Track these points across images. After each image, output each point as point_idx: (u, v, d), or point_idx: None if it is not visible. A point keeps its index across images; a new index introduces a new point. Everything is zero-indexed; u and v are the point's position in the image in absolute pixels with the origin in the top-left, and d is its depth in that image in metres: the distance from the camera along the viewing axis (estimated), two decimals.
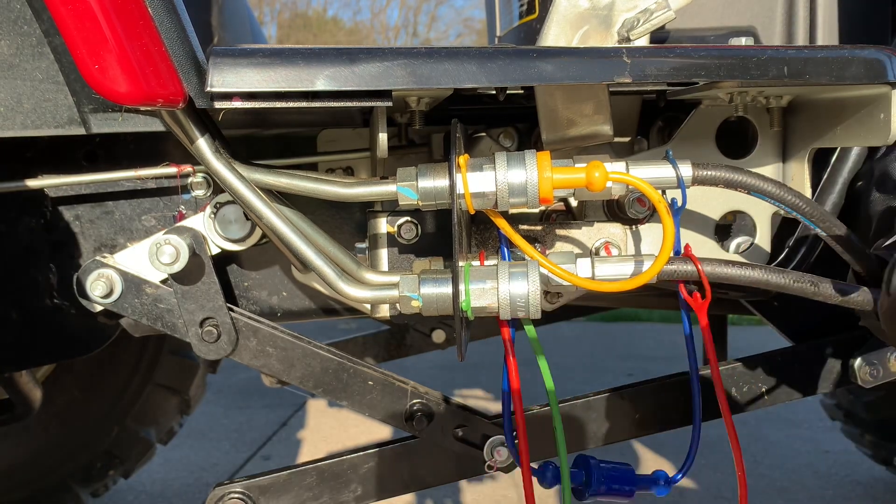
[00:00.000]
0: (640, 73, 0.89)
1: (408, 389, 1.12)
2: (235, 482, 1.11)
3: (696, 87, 1.07)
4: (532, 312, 0.87)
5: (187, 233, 1.06)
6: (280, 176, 0.96)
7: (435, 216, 1.07)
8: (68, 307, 1.17)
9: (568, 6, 1.05)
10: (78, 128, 0.91)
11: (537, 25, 1.23)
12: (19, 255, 1.15)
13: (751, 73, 0.92)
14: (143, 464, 2.48)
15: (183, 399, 2.39)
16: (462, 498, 2.93)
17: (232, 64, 0.83)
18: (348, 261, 1.01)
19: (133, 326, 1.19)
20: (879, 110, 0.99)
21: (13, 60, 0.88)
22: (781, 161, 1.19)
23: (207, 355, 1.08)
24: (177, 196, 1.17)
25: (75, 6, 0.78)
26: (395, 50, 0.87)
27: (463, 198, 0.86)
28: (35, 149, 1.12)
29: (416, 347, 1.91)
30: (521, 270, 0.87)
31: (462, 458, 1.13)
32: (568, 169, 0.87)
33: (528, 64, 0.88)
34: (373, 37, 19.60)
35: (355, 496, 1.13)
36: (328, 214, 1.20)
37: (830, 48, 0.95)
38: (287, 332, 1.10)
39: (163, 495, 3.00)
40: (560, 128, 1.08)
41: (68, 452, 2.26)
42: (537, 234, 1.09)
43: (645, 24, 1.03)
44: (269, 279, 1.24)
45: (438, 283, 0.88)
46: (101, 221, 1.17)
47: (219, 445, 3.58)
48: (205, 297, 1.07)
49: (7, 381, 1.64)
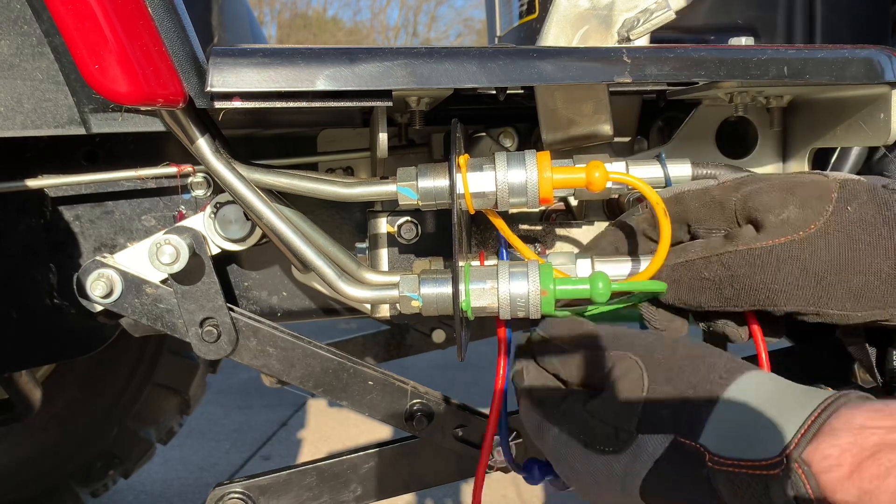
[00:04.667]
0: (640, 73, 0.89)
1: (408, 389, 1.12)
2: (235, 482, 1.11)
3: (696, 87, 1.07)
4: (532, 313, 0.87)
5: (187, 233, 1.06)
6: (280, 176, 0.96)
7: (435, 216, 1.07)
8: (68, 307, 1.17)
9: (568, 6, 1.05)
10: (78, 128, 0.91)
11: (537, 25, 1.23)
12: (19, 254, 1.15)
13: (751, 73, 0.92)
14: (143, 464, 2.48)
15: (183, 399, 2.40)
16: (462, 498, 2.93)
17: (232, 64, 0.83)
18: (348, 261, 1.01)
19: (133, 326, 1.19)
20: (879, 110, 0.99)
21: (13, 60, 0.88)
22: (781, 161, 1.19)
23: (207, 355, 1.08)
24: (177, 196, 1.17)
25: (75, 6, 0.78)
26: (395, 50, 0.87)
27: (463, 198, 0.86)
28: (35, 149, 1.12)
29: (416, 347, 1.91)
30: (521, 270, 0.87)
31: (462, 458, 1.13)
32: (568, 169, 0.87)
33: (528, 64, 0.88)
34: (373, 37, 19.60)
35: (355, 496, 1.13)
36: (328, 214, 1.20)
37: (830, 48, 0.95)
38: (287, 332, 1.10)
39: (163, 495, 3.01)
40: (560, 128, 1.08)
41: (68, 452, 2.26)
42: (537, 234, 1.09)
43: (645, 24, 1.03)
44: (269, 279, 1.24)
45: (438, 283, 0.88)
46: (100, 221, 1.17)
47: (219, 445, 3.58)
48: (205, 297, 1.07)
49: (7, 381, 1.64)
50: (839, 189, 0.82)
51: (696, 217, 0.90)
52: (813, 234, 0.81)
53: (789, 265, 0.81)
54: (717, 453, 0.70)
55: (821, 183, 0.84)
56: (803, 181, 0.85)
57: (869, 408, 0.64)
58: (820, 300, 0.82)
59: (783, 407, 0.70)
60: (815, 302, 0.82)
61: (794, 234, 0.81)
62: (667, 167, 0.97)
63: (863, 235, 0.80)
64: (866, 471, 0.60)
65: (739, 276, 0.84)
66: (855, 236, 0.80)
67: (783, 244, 0.81)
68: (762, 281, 0.83)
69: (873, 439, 0.61)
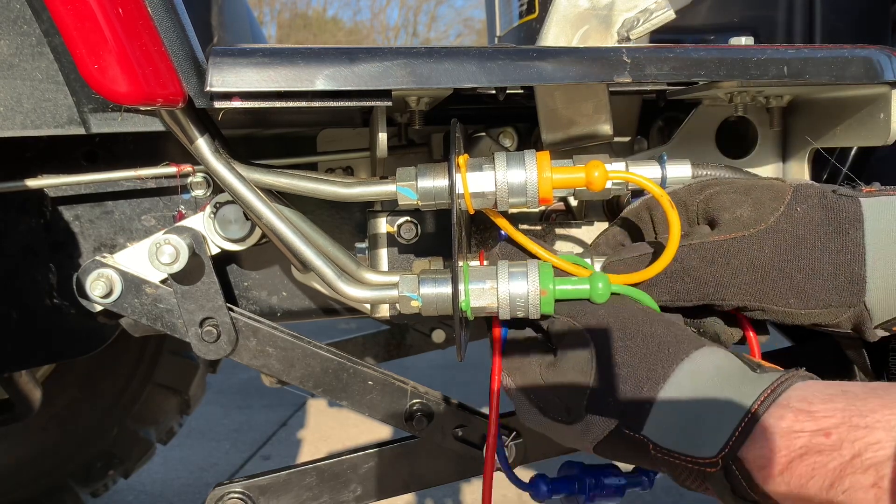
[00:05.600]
0: (640, 73, 0.89)
1: (408, 389, 1.12)
2: (235, 482, 1.11)
3: (696, 87, 1.07)
4: (532, 312, 0.86)
5: (187, 233, 1.06)
6: (280, 176, 0.96)
7: (435, 216, 1.07)
8: (68, 307, 1.17)
9: (568, 6, 1.05)
10: (78, 128, 0.91)
11: (537, 25, 1.23)
12: (19, 254, 1.15)
13: (751, 73, 0.92)
14: (143, 464, 2.48)
15: (183, 399, 2.40)
16: (462, 498, 2.93)
17: (232, 64, 0.83)
18: (348, 261, 1.01)
19: (133, 326, 1.19)
20: (879, 110, 0.99)
21: (13, 60, 0.88)
22: (781, 161, 1.19)
23: (207, 355, 1.08)
24: (176, 196, 1.17)
25: (75, 6, 0.78)
26: (395, 50, 0.87)
27: (462, 198, 0.86)
28: (35, 149, 1.11)
29: (416, 347, 1.91)
30: (520, 270, 0.87)
31: (462, 458, 1.13)
32: (567, 169, 0.87)
33: (528, 64, 0.88)
34: (373, 37, 19.61)
35: (355, 496, 1.13)
36: (328, 214, 1.20)
37: (830, 48, 0.95)
38: (287, 332, 1.10)
39: (163, 495, 3.01)
40: (560, 128, 1.07)
41: (68, 452, 2.26)
42: (537, 234, 1.08)
43: (645, 24, 1.03)
44: (269, 279, 1.23)
45: (438, 283, 0.88)
46: (100, 221, 1.17)
47: (219, 445, 3.59)
48: (204, 297, 1.07)
49: (7, 381, 1.64)
50: (792, 192, 0.86)
51: (662, 221, 0.94)
52: (762, 231, 0.84)
53: (738, 259, 0.85)
54: (660, 444, 0.76)
55: (776, 186, 0.88)
56: (760, 184, 0.89)
57: (796, 408, 0.70)
58: (765, 296, 0.85)
59: (723, 399, 0.75)
60: (761, 297, 0.85)
61: (745, 231, 0.85)
62: (666, 168, 0.97)
63: (808, 235, 0.83)
64: (794, 470, 0.67)
65: (690, 270, 0.87)
66: (801, 235, 0.83)
67: (733, 239, 0.85)
68: (711, 274, 0.86)
69: (800, 442, 0.67)
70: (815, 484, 0.65)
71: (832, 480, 0.64)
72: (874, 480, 0.62)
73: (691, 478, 0.75)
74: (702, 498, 0.81)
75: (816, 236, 0.83)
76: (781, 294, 0.84)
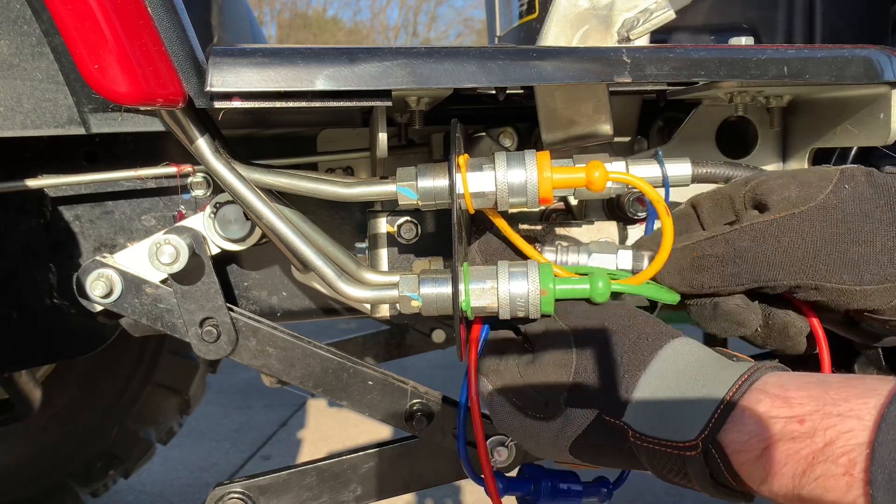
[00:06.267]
0: (640, 73, 0.89)
1: (408, 389, 1.12)
2: (235, 482, 1.11)
3: (696, 87, 1.07)
4: (532, 312, 0.87)
5: (187, 233, 1.06)
6: (280, 176, 0.96)
7: (435, 216, 1.07)
8: (68, 307, 1.17)
9: (568, 6, 1.05)
10: (78, 128, 0.91)
11: (537, 25, 1.23)
12: (19, 254, 1.15)
13: (751, 73, 0.92)
14: (143, 464, 2.48)
15: (183, 399, 2.40)
16: (462, 498, 2.93)
17: (232, 64, 0.83)
18: (348, 261, 1.01)
19: (133, 326, 1.19)
20: (879, 110, 0.99)
21: (13, 60, 0.88)
22: (782, 161, 1.19)
23: (207, 355, 1.08)
24: (176, 196, 1.17)
25: (75, 6, 0.78)
26: (395, 50, 0.87)
27: (462, 198, 0.86)
28: (35, 149, 1.12)
29: (416, 347, 1.91)
30: (520, 270, 0.87)
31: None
32: (568, 169, 0.87)
33: (528, 64, 0.88)
34: (373, 37, 19.61)
35: (355, 496, 1.13)
36: (328, 214, 1.20)
37: (830, 48, 0.95)
38: (287, 332, 1.10)
39: (163, 495, 3.01)
40: (560, 128, 1.07)
41: (68, 452, 2.26)
42: (537, 234, 1.08)
43: (645, 24, 1.03)
44: (269, 279, 1.24)
45: (438, 283, 0.88)
46: (100, 221, 1.17)
47: (219, 445, 3.59)
48: (204, 297, 1.07)
49: (7, 381, 1.64)
50: (839, 173, 0.87)
51: (709, 216, 0.94)
52: (812, 208, 0.85)
53: (788, 237, 0.85)
54: (639, 431, 0.77)
55: (823, 169, 0.89)
56: (807, 169, 0.91)
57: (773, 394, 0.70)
58: (818, 272, 0.85)
59: (701, 384, 0.76)
60: (813, 274, 0.85)
61: (794, 209, 0.85)
62: (665, 166, 0.97)
63: (858, 211, 0.84)
64: (770, 456, 0.67)
65: (741, 251, 0.87)
66: (851, 212, 0.84)
67: (783, 217, 0.85)
68: (763, 253, 0.86)
69: (776, 428, 0.68)
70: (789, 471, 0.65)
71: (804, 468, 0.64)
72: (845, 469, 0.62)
73: (670, 465, 0.76)
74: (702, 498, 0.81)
75: (867, 212, 0.83)
76: (834, 269, 0.84)
